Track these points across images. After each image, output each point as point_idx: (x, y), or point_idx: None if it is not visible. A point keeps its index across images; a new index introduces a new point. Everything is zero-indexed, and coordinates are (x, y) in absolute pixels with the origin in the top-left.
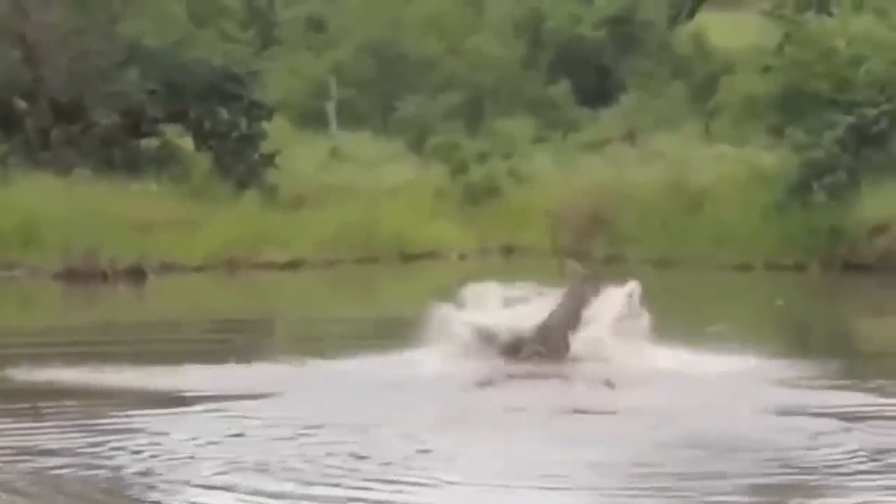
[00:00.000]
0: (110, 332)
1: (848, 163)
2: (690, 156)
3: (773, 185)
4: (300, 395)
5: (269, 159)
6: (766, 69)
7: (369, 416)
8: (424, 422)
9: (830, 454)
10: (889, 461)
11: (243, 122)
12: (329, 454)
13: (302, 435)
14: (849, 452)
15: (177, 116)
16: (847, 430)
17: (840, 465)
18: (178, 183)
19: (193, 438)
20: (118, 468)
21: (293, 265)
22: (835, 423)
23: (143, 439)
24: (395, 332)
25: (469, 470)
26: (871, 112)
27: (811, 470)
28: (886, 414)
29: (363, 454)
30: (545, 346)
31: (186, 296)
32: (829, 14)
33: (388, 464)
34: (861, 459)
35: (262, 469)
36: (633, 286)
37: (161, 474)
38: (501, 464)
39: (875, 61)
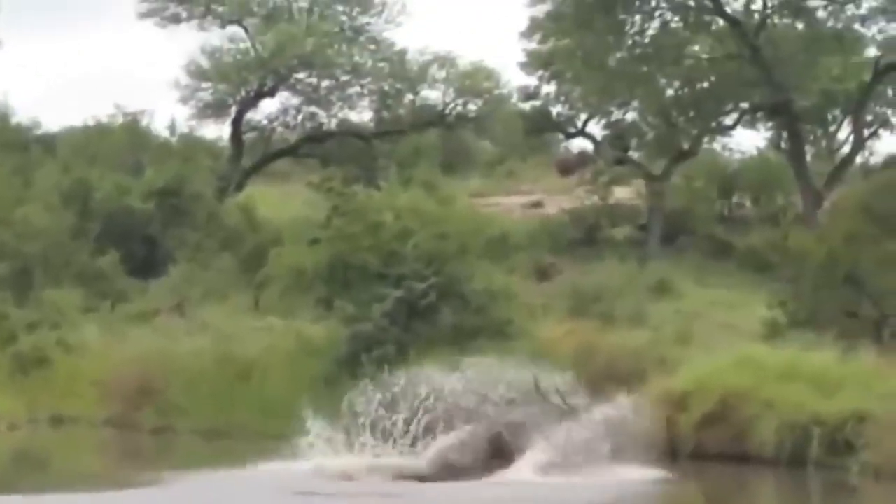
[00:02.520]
0: None
1: (397, 336)
2: (239, 327)
3: (321, 357)
4: None
5: None
6: (314, 241)
7: None
8: None
9: None
10: None
11: None
12: None
13: None
14: None
15: None
16: None
17: None
18: None
19: None
20: None
21: None
22: None
23: None
24: None
25: None
26: (420, 286)
27: None
28: None
29: None
30: None
31: None
32: (377, 188)
33: None
34: None
35: None
36: None
37: None
38: None
39: (422, 235)
